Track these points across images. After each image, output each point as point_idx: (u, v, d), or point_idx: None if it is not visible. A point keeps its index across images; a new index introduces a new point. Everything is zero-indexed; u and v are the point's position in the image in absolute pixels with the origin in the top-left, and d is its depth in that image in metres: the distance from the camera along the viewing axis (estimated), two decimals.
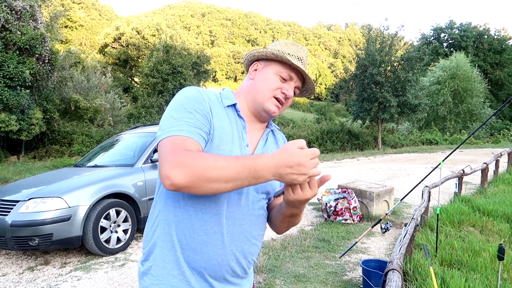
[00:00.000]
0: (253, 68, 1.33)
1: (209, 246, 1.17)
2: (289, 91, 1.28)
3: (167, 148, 1.06)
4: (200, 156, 1.02)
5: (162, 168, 1.02)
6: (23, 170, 11.83)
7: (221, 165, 1.00)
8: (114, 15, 70.36)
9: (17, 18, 14.10)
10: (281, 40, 1.38)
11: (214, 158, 1.02)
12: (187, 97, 1.17)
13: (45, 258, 4.54)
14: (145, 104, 18.90)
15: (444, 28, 50.73)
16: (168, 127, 1.11)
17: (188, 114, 1.13)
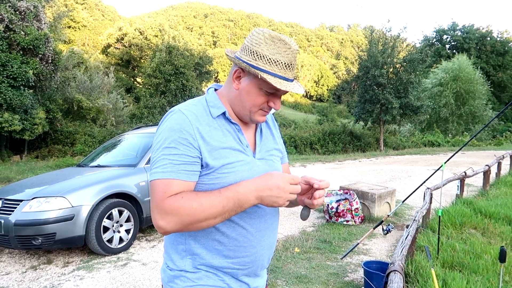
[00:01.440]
0: (236, 74, 1.22)
1: (242, 249, 1.22)
2: (276, 104, 1.24)
3: (154, 193, 1.10)
4: (184, 202, 1.07)
5: (153, 216, 1.10)
6: (26, 170, 11.87)
7: (206, 205, 1.07)
8: (117, 15, 70.55)
9: (21, 18, 14.17)
10: (265, 32, 1.19)
11: (197, 200, 1.08)
12: (171, 129, 1.14)
13: (48, 257, 4.56)
14: (147, 104, 18.94)
15: (447, 30, 50.65)
16: (154, 167, 1.13)
17: (172, 150, 1.12)
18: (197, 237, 1.20)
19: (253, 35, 1.20)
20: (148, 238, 5.30)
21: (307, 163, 14.77)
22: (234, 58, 1.21)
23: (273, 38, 1.18)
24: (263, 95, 1.21)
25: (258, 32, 1.20)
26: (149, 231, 5.57)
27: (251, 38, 1.20)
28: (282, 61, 1.17)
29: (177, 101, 18.82)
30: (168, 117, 1.18)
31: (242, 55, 1.19)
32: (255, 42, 1.18)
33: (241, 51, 1.21)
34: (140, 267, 4.24)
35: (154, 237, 5.36)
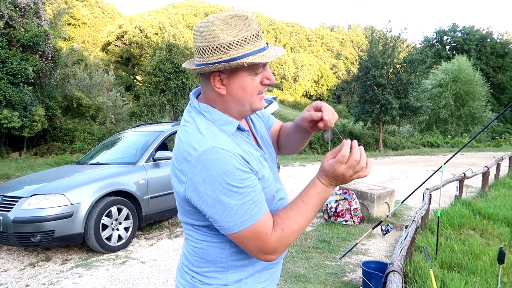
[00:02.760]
0: (216, 80, 1.09)
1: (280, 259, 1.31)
2: (271, 78, 1.14)
3: (253, 240, 1.06)
4: (286, 232, 1.08)
5: (259, 257, 1.09)
6: (24, 167, 11.86)
7: (303, 223, 1.10)
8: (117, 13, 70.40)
9: (21, 15, 14.13)
10: (213, 20, 1.05)
11: (294, 222, 1.09)
12: (227, 172, 1.00)
13: (47, 254, 4.56)
14: (147, 102, 18.90)
15: (447, 31, 50.61)
16: (238, 218, 1.02)
17: (245, 190, 1.02)
18: (241, 251, 1.15)
19: (202, 32, 1.06)
20: (147, 236, 5.30)
21: (306, 163, 14.77)
22: (204, 67, 1.07)
23: (225, 20, 1.05)
24: (255, 79, 1.11)
25: (207, 25, 1.05)
26: (148, 229, 5.57)
27: (202, 37, 1.06)
28: (250, 35, 1.06)
29: (176, 99, 18.79)
30: (206, 160, 1.01)
31: (208, 60, 1.06)
32: (211, 37, 1.04)
33: (201, 56, 1.08)
34: (138, 265, 4.24)
35: (153, 235, 5.36)
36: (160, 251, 4.71)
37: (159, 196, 5.24)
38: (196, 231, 1.17)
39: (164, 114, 20.08)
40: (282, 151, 1.50)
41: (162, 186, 5.31)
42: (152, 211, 5.17)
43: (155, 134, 5.73)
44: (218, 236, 1.13)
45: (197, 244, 1.17)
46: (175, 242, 5.06)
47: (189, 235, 1.20)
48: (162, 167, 5.39)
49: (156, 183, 5.22)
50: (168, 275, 3.96)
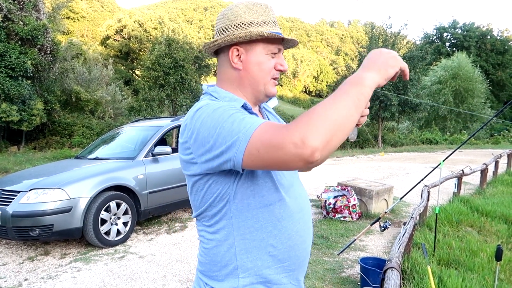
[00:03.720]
0: (234, 54, 1.14)
1: (295, 247, 1.16)
2: (284, 64, 1.19)
3: (266, 135, 0.90)
4: (304, 114, 0.89)
5: (287, 144, 0.85)
6: (23, 161, 11.85)
7: (327, 102, 0.90)
8: (116, 7, 70.04)
9: (19, 8, 14.07)
10: (237, 4, 1.16)
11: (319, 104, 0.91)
12: (216, 108, 1.02)
13: (45, 248, 4.56)
14: (146, 97, 18.85)
15: (447, 28, 50.54)
16: (239, 134, 0.93)
17: (237, 114, 0.98)
18: (250, 249, 1.11)
19: (227, 12, 1.16)
20: (146, 231, 5.31)
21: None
22: (225, 37, 1.12)
23: (248, 5, 1.15)
24: (270, 59, 1.15)
25: (231, 8, 1.15)
26: (147, 224, 5.58)
27: (226, 16, 1.15)
28: (269, 20, 1.15)
29: (176, 94, 18.74)
30: (199, 113, 1.04)
31: (228, 33, 1.13)
32: (233, 17, 1.13)
33: (223, 33, 1.14)
34: (137, 259, 4.25)
35: (152, 230, 5.37)
36: (159, 246, 4.71)
37: (158, 191, 5.25)
38: (207, 228, 1.15)
39: (163, 109, 20.05)
40: None
41: (161, 181, 5.31)
42: (150, 206, 5.18)
43: (154, 129, 5.72)
44: (226, 233, 1.11)
45: (207, 244, 1.16)
46: (173, 237, 5.07)
47: (201, 236, 1.19)
48: (161, 162, 5.39)
49: (155, 178, 5.22)
50: (166, 269, 3.97)
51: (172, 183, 5.43)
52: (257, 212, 1.10)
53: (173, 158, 5.57)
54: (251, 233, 1.10)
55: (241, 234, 1.10)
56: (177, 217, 5.95)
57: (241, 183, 1.07)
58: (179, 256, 4.34)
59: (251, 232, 1.10)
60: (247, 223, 1.10)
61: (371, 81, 0.96)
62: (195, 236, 5.04)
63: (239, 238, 1.10)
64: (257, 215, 1.10)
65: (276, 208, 1.11)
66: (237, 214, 1.09)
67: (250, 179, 1.08)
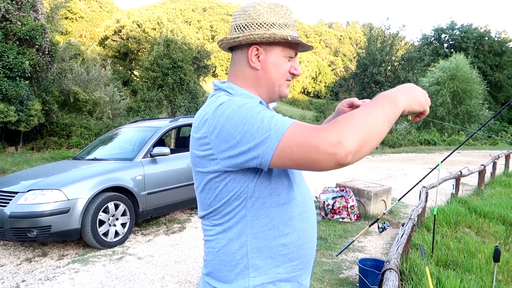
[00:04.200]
0: (253, 53, 1.15)
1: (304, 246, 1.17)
2: (298, 69, 1.21)
3: (300, 134, 0.90)
4: (339, 120, 0.90)
5: (322, 143, 0.86)
6: (21, 161, 11.81)
7: (363, 111, 0.93)
8: (114, 7, 69.99)
9: (17, 8, 14.04)
10: (259, 2, 1.16)
11: (352, 112, 0.93)
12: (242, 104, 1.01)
13: (43, 249, 4.55)
14: (144, 98, 18.85)
15: (445, 29, 50.66)
16: (270, 132, 0.93)
17: (266, 112, 0.98)
18: (261, 248, 1.10)
19: (246, 11, 1.16)
20: (144, 232, 5.30)
21: None
22: (248, 36, 1.12)
23: (270, 5, 1.15)
24: (287, 62, 1.18)
25: (253, 5, 1.15)
26: (145, 225, 5.57)
27: (248, 13, 1.15)
28: (289, 23, 1.17)
29: (174, 95, 18.73)
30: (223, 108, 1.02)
31: (250, 32, 1.13)
32: (256, 15, 1.14)
33: (242, 32, 1.15)
34: (135, 261, 4.24)
35: (150, 231, 5.36)
36: (157, 247, 4.71)
37: (156, 192, 5.24)
38: (217, 227, 1.13)
39: (161, 110, 20.04)
40: None
41: (159, 182, 5.30)
42: (149, 207, 5.17)
43: (153, 130, 5.72)
44: (239, 232, 1.09)
45: (217, 243, 1.13)
46: (172, 238, 5.06)
47: (209, 236, 1.16)
48: (159, 163, 5.38)
49: (153, 179, 5.22)
50: (165, 271, 3.96)
51: (171, 184, 5.42)
52: (272, 211, 1.09)
53: (172, 159, 5.56)
54: (264, 232, 1.09)
55: (254, 233, 1.09)
56: (176, 218, 5.94)
57: (259, 182, 1.07)
58: (178, 257, 4.34)
59: (264, 231, 1.09)
60: (261, 221, 1.09)
61: (402, 106, 0.99)
62: (193, 237, 5.03)
63: (252, 237, 1.09)
64: (271, 214, 1.09)
65: (289, 207, 1.12)
66: (252, 213, 1.08)
67: (268, 178, 1.08)
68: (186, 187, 5.58)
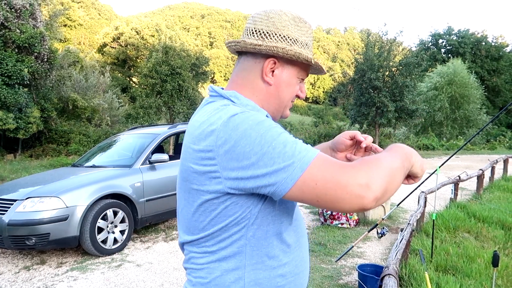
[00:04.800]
0: (269, 66, 1.04)
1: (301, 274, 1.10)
2: (304, 92, 1.15)
3: (328, 172, 0.84)
4: (364, 161, 0.88)
5: (350, 189, 0.82)
6: (19, 169, 11.80)
7: (385, 157, 0.91)
8: (113, 14, 70.32)
9: (16, 16, 14.10)
10: (286, 12, 1.07)
11: (377, 156, 0.92)
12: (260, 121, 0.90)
13: (42, 257, 4.54)
14: (143, 104, 18.88)
15: (443, 34, 50.95)
16: (294, 158, 0.84)
17: (287, 134, 0.90)
18: (259, 280, 0.98)
19: (271, 18, 1.04)
20: (143, 239, 5.29)
21: None
22: (271, 47, 1.01)
23: (295, 18, 1.07)
24: (298, 83, 1.11)
25: (279, 13, 1.05)
26: (144, 232, 5.56)
27: (272, 23, 1.04)
28: (309, 43, 1.09)
29: (173, 101, 18.77)
30: (235, 121, 0.90)
31: (272, 43, 1.02)
32: (281, 25, 1.04)
33: (261, 39, 1.03)
34: (134, 268, 4.23)
35: (149, 238, 5.35)
36: (156, 254, 4.70)
37: (155, 198, 5.24)
38: (210, 255, 1.00)
39: (160, 116, 20.06)
40: None
41: (158, 188, 5.30)
42: (148, 214, 5.16)
43: (151, 136, 5.73)
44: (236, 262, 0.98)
45: (208, 274, 1.00)
46: (171, 245, 5.05)
47: (197, 264, 1.03)
48: (158, 170, 5.38)
49: (152, 186, 5.22)
50: (164, 278, 3.95)
51: (170, 190, 5.42)
52: (273, 239, 0.99)
53: (171, 166, 5.56)
54: (264, 263, 0.99)
55: (253, 264, 0.98)
56: (175, 225, 5.93)
57: (264, 208, 0.96)
58: (177, 264, 4.32)
59: (263, 261, 0.99)
60: (262, 251, 0.98)
61: (413, 164, 1.01)
62: None
63: (250, 269, 0.98)
64: (272, 243, 0.99)
65: (288, 234, 1.03)
66: (253, 242, 0.97)
67: (272, 204, 0.98)
68: None
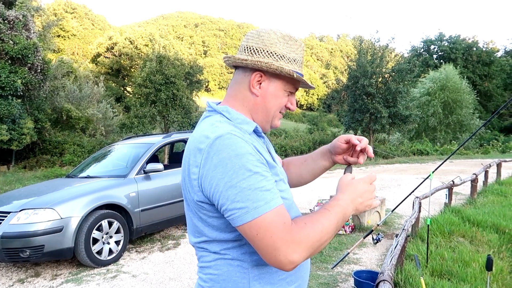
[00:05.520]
0: (256, 79, 1.14)
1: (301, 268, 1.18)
2: (294, 104, 1.23)
3: (270, 230, 0.94)
4: (310, 227, 0.98)
5: (278, 255, 0.94)
6: (13, 180, 11.70)
7: (327, 226, 1.01)
8: (107, 24, 70.40)
9: (9, 27, 14.09)
10: (275, 31, 1.17)
11: (318, 222, 1.01)
12: (238, 156, 0.98)
13: (36, 270, 4.49)
14: (137, 114, 18.83)
15: (434, 40, 51.54)
16: (250, 203, 0.94)
17: (257, 176, 0.97)
18: (262, 274, 1.09)
19: (261, 36, 1.15)
20: (138, 250, 5.26)
21: None
22: (256, 61, 1.12)
23: (285, 37, 1.16)
24: (286, 96, 1.19)
25: (269, 32, 1.16)
26: (139, 242, 5.53)
27: (261, 40, 1.15)
28: (298, 59, 1.18)
29: (167, 110, 18.75)
30: (219, 145, 0.99)
31: (259, 58, 1.13)
32: (269, 42, 1.14)
33: (251, 55, 1.14)
34: (130, 279, 4.20)
35: (144, 248, 5.32)
36: (152, 264, 4.67)
37: (150, 208, 5.22)
38: (216, 255, 1.09)
39: (154, 126, 20.02)
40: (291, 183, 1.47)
41: (153, 198, 5.29)
42: (143, 224, 5.14)
43: (146, 146, 5.72)
44: (241, 259, 1.08)
45: (216, 270, 1.09)
46: (166, 255, 5.03)
47: (206, 262, 1.12)
48: (153, 180, 5.37)
49: (147, 196, 5.20)
50: None
51: (165, 200, 5.41)
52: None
53: (166, 175, 5.56)
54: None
55: (255, 260, 1.07)
56: (170, 235, 5.91)
57: None
58: (173, 274, 4.30)
59: None
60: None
61: (351, 213, 1.10)
62: (188, 254, 5.00)
63: (254, 264, 1.07)
64: None
65: None
66: None
67: None
68: (180, 203, 5.57)
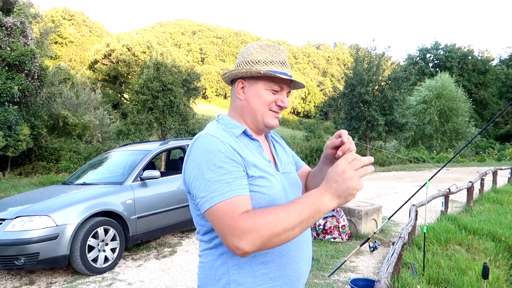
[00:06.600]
0: (239, 86, 1.29)
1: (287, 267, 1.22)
2: (284, 102, 1.29)
3: (222, 217, 1.05)
4: (258, 216, 1.02)
5: (227, 240, 1.04)
6: (8, 187, 11.63)
7: (281, 216, 1.02)
8: (104, 31, 70.58)
9: (7, 34, 14.11)
10: (254, 44, 1.31)
11: (272, 212, 1.04)
12: (207, 152, 1.12)
13: (30, 277, 4.45)
14: (134, 121, 18.79)
15: (430, 49, 51.98)
16: (209, 194, 1.07)
17: (220, 170, 1.09)
18: (241, 264, 1.16)
19: (244, 51, 1.31)
20: (134, 257, 5.22)
21: None
22: (233, 71, 1.28)
23: (262, 46, 1.29)
24: (271, 94, 1.27)
25: (248, 46, 1.31)
26: (135, 250, 5.49)
27: (242, 54, 1.31)
28: (276, 60, 1.27)
29: (164, 117, 18.73)
30: (196, 143, 1.17)
31: (239, 69, 1.27)
32: (246, 54, 1.29)
33: (236, 68, 1.30)
34: (125, 287, 4.17)
35: (140, 255, 5.29)
36: (148, 272, 4.64)
37: (147, 216, 5.20)
38: (205, 244, 1.24)
39: (151, 133, 19.98)
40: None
41: (150, 205, 5.27)
42: (139, 231, 5.12)
43: (143, 153, 5.72)
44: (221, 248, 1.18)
45: (205, 258, 1.23)
46: (162, 262, 5.00)
47: (201, 251, 1.27)
48: (149, 187, 5.36)
49: (143, 203, 5.18)
50: None
51: (161, 207, 5.39)
52: None
53: (162, 182, 5.54)
54: None
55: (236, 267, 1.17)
56: (166, 242, 5.88)
57: None
58: (169, 282, 4.28)
59: None
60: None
61: (331, 206, 1.05)
62: (185, 261, 4.98)
63: (231, 254, 1.15)
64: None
65: None
66: None
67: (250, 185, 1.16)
68: (176, 210, 5.55)
